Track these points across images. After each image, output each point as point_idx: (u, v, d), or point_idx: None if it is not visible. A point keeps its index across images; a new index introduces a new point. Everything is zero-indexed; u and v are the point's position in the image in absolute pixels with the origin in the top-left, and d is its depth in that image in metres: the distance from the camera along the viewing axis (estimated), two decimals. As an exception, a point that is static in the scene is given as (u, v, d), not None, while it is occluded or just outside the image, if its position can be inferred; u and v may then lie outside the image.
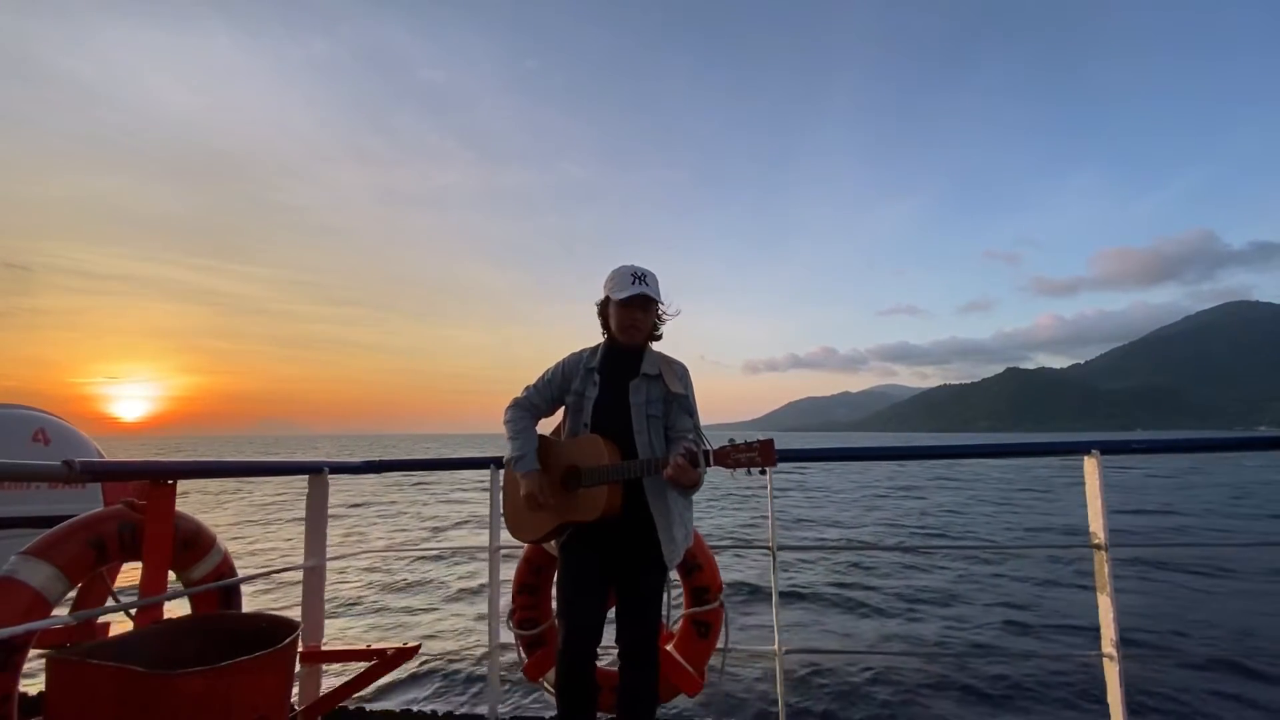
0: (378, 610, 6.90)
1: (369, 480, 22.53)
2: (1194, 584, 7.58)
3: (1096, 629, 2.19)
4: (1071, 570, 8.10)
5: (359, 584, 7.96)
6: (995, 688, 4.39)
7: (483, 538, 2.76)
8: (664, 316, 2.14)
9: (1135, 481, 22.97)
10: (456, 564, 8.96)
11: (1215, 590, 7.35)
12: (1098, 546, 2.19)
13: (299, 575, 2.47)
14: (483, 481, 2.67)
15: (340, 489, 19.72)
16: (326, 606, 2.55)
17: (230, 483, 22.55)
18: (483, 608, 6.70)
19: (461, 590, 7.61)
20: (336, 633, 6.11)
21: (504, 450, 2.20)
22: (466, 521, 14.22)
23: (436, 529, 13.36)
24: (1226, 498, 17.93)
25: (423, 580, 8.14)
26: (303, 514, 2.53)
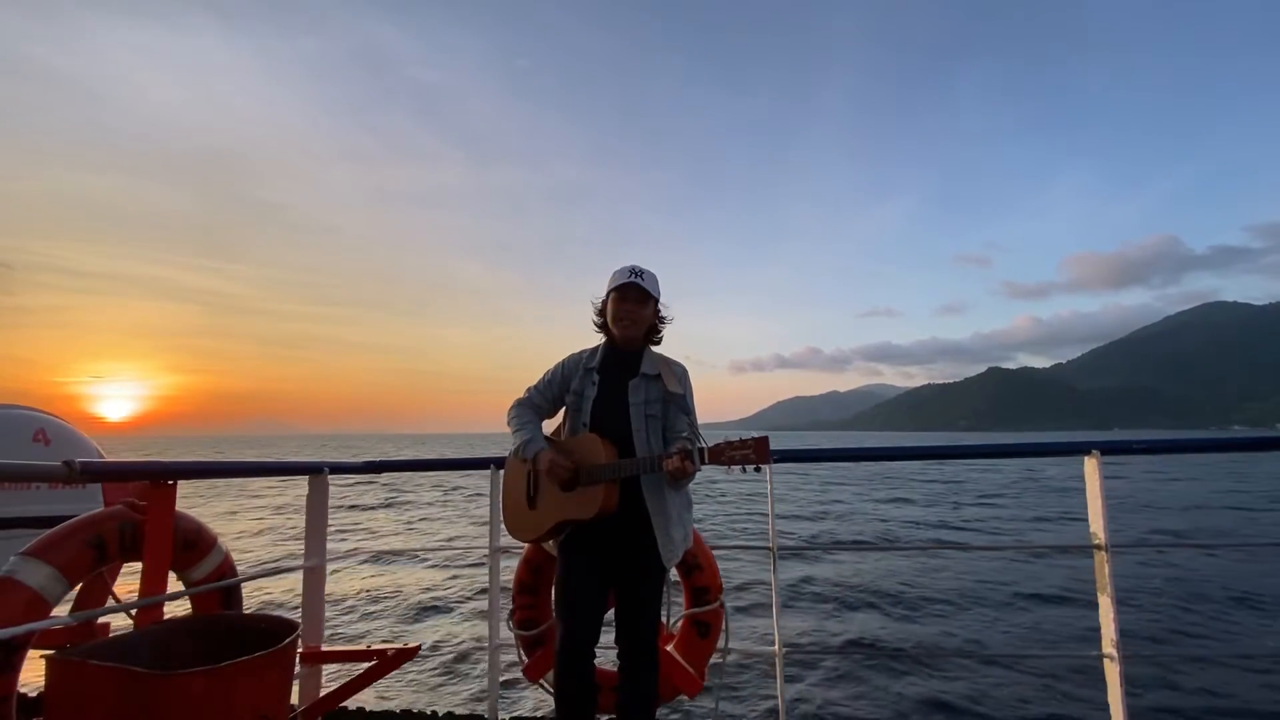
0: (378, 610, 6.90)
1: (367, 480, 22.53)
2: (1194, 584, 7.57)
3: (1096, 629, 2.18)
4: (1071, 570, 8.10)
5: (359, 584, 7.95)
6: (995, 688, 4.39)
7: (482, 538, 2.76)
8: (665, 317, 2.15)
9: (1134, 481, 22.93)
10: (456, 564, 8.96)
11: (1215, 590, 7.34)
12: (1098, 547, 2.19)
13: (299, 575, 2.47)
14: (475, 482, 2.67)
15: (339, 489, 19.69)
16: (326, 606, 2.55)
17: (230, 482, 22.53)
18: (483, 608, 6.69)
19: (461, 590, 7.61)
20: (337, 633, 6.10)
21: (501, 451, 2.19)
22: (466, 519, 14.21)
23: (436, 530, 13.35)
24: (1226, 497, 17.91)
25: (422, 580, 8.13)
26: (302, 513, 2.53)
